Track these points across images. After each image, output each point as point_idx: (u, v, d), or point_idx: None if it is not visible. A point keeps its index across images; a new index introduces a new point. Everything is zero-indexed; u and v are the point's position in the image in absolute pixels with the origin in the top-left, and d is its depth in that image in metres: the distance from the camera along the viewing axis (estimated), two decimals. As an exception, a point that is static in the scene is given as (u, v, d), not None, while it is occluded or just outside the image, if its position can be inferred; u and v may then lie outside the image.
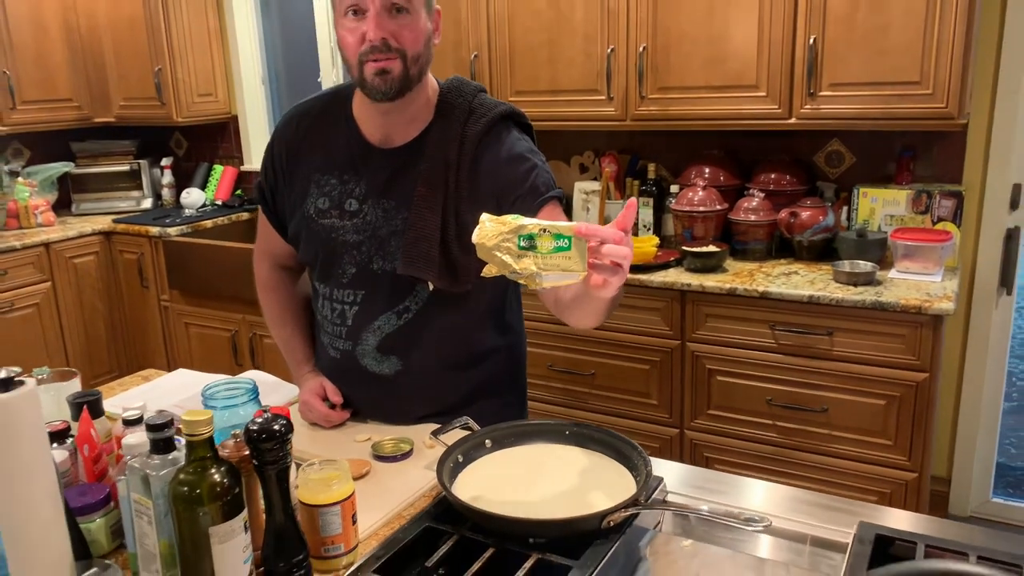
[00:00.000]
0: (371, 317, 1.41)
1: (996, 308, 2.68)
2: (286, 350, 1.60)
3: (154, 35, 3.78)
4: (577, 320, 1.26)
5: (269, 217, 1.53)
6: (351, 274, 1.40)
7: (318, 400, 1.48)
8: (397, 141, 1.37)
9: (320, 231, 1.41)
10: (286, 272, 1.61)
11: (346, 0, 1.23)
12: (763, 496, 1.28)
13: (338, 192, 1.40)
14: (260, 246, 1.60)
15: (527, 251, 0.99)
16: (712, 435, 2.56)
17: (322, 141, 1.41)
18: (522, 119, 1.42)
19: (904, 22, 2.28)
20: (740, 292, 2.39)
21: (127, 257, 3.81)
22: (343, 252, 1.39)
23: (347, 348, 1.44)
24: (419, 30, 1.26)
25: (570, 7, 2.74)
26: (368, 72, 1.25)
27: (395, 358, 1.42)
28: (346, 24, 1.25)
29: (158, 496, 0.97)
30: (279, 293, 1.61)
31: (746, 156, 2.87)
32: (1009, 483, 3.20)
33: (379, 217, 1.37)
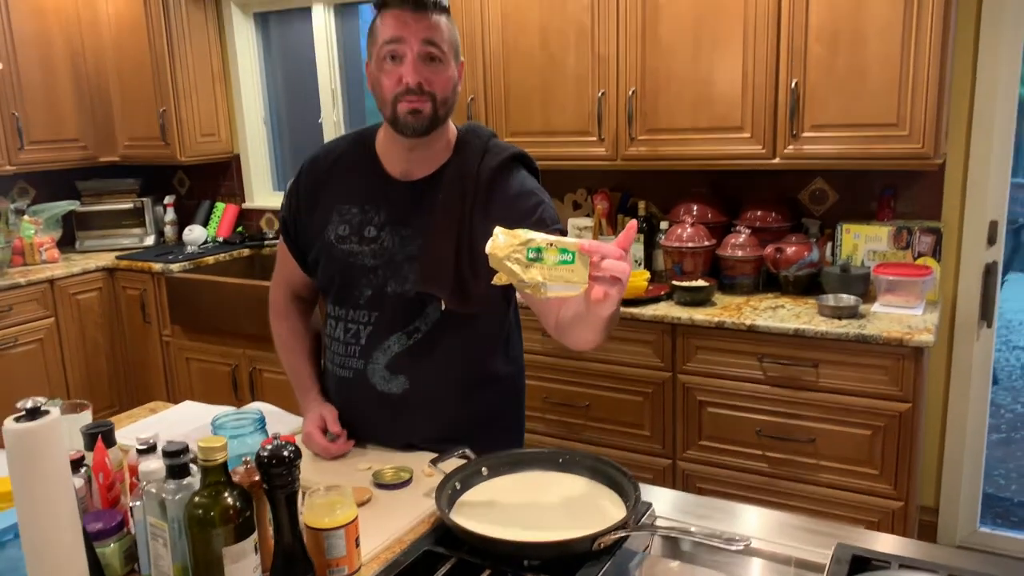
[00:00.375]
0: (383, 337, 1.50)
1: (977, 340, 2.75)
2: (293, 375, 1.68)
3: (160, 78, 3.89)
4: (577, 339, 1.34)
5: (289, 246, 1.63)
6: (367, 296, 1.50)
7: (319, 432, 1.54)
8: (416, 175, 1.49)
9: (339, 255, 1.51)
10: (300, 302, 1.71)
11: (386, 48, 1.37)
12: (748, 519, 1.34)
13: (359, 220, 1.50)
14: (278, 275, 1.71)
15: (534, 262, 1.07)
16: (704, 465, 2.61)
17: (346, 174, 1.54)
18: (531, 163, 1.55)
19: (880, 66, 2.39)
20: (729, 325, 2.47)
21: (130, 293, 3.88)
22: (360, 276, 1.50)
23: (359, 367, 1.52)
24: (448, 77, 1.41)
25: (562, 53, 2.85)
26: (401, 110, 1.38)
27: (403, 377, 1.50)
28: (384, 67, 1.39)
29: (173, 519, 1.03)
30: (291, 321, 1.70)
31: (733, 194, 2.96)
32: (997, 513, 3.25)
33: (396, 244, 1.48)
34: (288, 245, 1.64)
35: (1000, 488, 3.58)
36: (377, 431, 1.57)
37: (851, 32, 2.40)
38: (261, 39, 4.23)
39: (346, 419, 1.57)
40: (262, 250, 4.09)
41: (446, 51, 1.40)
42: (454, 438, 1.46)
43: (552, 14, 2.84)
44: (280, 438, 1.06)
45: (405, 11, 1.36)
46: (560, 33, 2.84)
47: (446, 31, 1.40)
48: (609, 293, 1.08)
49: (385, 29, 1.38)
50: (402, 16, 1.36)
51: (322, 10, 3.92)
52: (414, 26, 1.36)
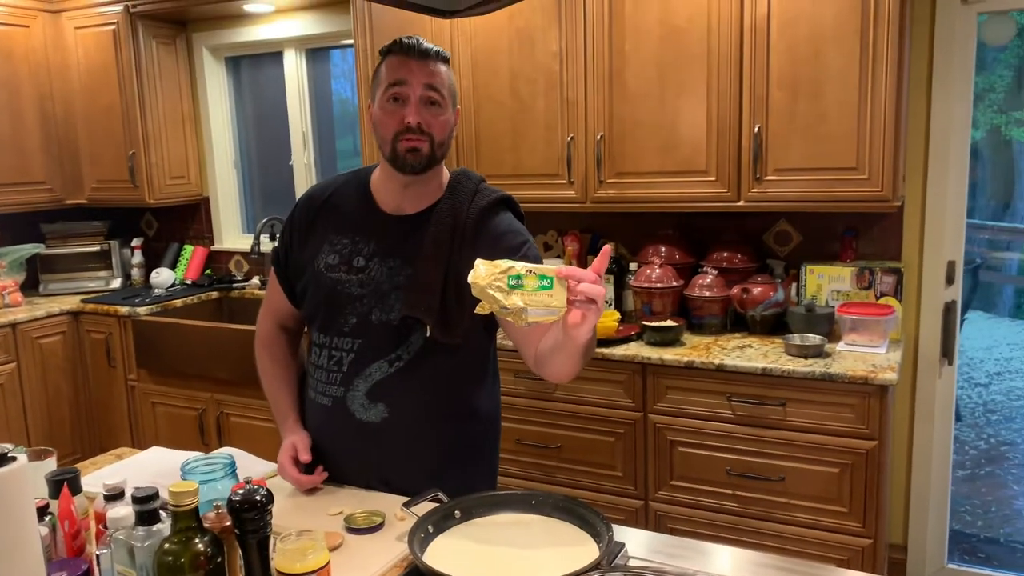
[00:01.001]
0: (365, 364, 1.52)
1: (940, 378, 2.81)
2: (272, 403, 1.72)
3: (129, 120, 3.89)
4: (556, 369, 1.39)
5: (279, 276, 1.69)
6: (352, 324, 1.54)
7: (291, 464, 1.56)
8: (408, 211, 1.56)
9: (327, 283, 1.56)
10: (286, 332, 1.76)
11: (391, 90, 1.47)
12: (720, 559, 1.34)
13: (348, 250, 1.56)
14: (266, 305, 1.77)
15: (515, 289, 1.12)
16: (676, 506, 2.62)
17: (340, 207, 1.61)
18: (517, 207, 1.63)
19: (839, 112, 2.47)
20: (698, 365, 2.50)
21: (95, 337, 3.82)
22: (346, 303, 1.54)
23: (339, 394, 1.55)
24: (445, 121, 1.50)
25: (531, 98, 2.91)
26: (401, 148, 1.47)
27: (382, 405, 1.52)
28: (387, 108, 1.48)
29: (142, 567, 1.01)
30: (274, 349, 1.75)
31: (699, 236, 3.02)
32: (964, 550, 3.28)
33: (383, 274, 1.53)
34: (278, 275, 1.69)
35: (967, 524, 3.62)
36: (354, 462, 1.57)
37: (810, 80, 2.49)
38: (232, 82, 4.26)
39: (324, 450, 1.59)
40: (231, 293, 4.07)
41: (445, 96, 1.49)
42: (430, 472, 1.51)
43: (522, 60, 2.91)
44: (252, 482, 1.06)
45: (410, 58, 1.46)
46: (529, 79, 2.90)
47: (446, 78, 1.50)
48: (586, 315, 1.15)
49: (390, 72, 1.48)
50: (407, 62, 1.46)
51: (293, 54, 3.96)
52: (417, 71, 1.46)
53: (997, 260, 7.71)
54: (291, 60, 3.97)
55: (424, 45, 1.48)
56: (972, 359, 6.15)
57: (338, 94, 4.11)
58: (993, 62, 6.91)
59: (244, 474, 1.29)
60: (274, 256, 1.70)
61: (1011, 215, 8.02)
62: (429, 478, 1.48)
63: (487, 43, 2.96)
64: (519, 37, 2.90)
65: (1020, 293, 7.78)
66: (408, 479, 1.53)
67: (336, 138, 4.15)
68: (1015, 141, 7.66)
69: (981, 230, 7.21)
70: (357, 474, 1.58)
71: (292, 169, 4.07)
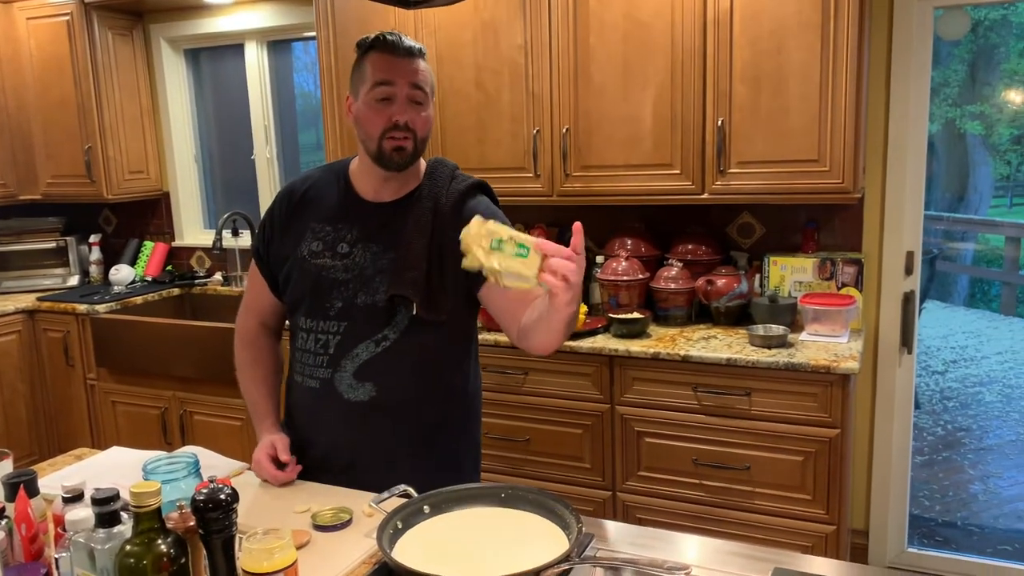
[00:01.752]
0: (351, 345, 1.55)
1: (899, 366, 2.87)
2: (250, 403, 1.72)
3: (85, 114, 3.80)
4: (538, 342, 1.45)
5: (261, 270, 1.70)
6: (337, 308, 1.56)
7: (268, 460, 1.58)
8: (386, 198, 1.60)
9: (312, 269, 1.59)
10: (267, 331, 1.76)
11: (378, 90, 1.50)
12: (688, 548, 1.36)
13: (332, 237, 1.59)
14: (248, 301, 1.76)
15: (495, 251, 1.19)
16: (643, 496, 2.64)
17: (320, 197, 1.64)
18: (491, 191, 1.68)
19: (801, 106, 2.50)
20: (664, 356, 2.52)
21: (52, 336, 3.73)
22: (332, 288, 1.57)
23: (326, 376, 1.57)
24: (428, 117, 1.55)
25: (497, 92, 2.90)
26: (388, 147, 1.51)
27: (369, 384, 1.56)
28: (374, 107, 1.51)
29: (103, 570, 0.99)
30: (255, 348, 1.75)
31: (665, 228, 3.04)
32: (924, 534, 3.37)
33: (367, 259, 1.56)
34: (260, 269, 1.70)
35: (925, 509, 3.71)
36: (342, 442, 1.60)
37: (773, 74, 2.52)
38: (192, 75, 4.18)
39: (312, 431, 1.62)
40: (193, 289, 4.00)
41: (428, 94, 1.54)
42: (417, 447, 1.58)
43: (487, 54, 2.90)
44: (216, 481, 1.04)
45: (396, 56, 1.50)
46: (495, 72, 2.89)
47: (427, 75, 1.55)
48: (556, 291, 1.19)
49: (376, 71, 1.50)
50: (392, 61, 1.50)
51: (255, 46, 3.90)
52: (403, 70, 1.50)
53: (952, 251, 7.90)
54: (252, 52, 3.91)
55: (407, 42, 1.51)
56: (929, 348, 6.29)
57: (300, 87, 4.06)
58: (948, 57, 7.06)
59: (208, 473, 1.27)
60: (254, 252, 1.73)
61: (965, 207, 8.21)
62: (415, 454, 1.57)
63: (452, 35, 2.95)
64: (484, 30, 2.89)
65: (974, 283, 7.98)
66: (395, 455, 1.58)
67: (299, 132, 4.10)
68: (968, 134, 7.84)
69: (937, 221, 7.39)
70: (344, 453, 1.60)
71: (254, 163, 4.01)
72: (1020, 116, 7.70)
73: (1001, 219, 8.13)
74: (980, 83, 7.72)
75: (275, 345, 1.78)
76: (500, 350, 2.74)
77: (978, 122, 7.78)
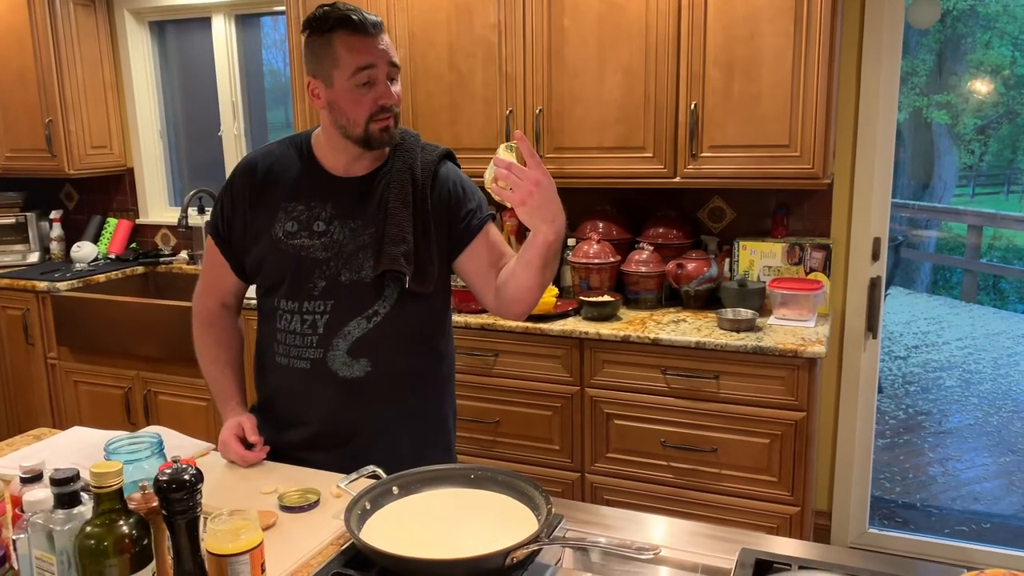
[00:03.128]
0: (342, 323, 1.54)
1: (864, 351, 2.91)
2: (214, 385, 1.69)
3: (46, 87, 3.69)
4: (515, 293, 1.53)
5: (224, 251, 1.64)
6: (321, 287, 1.54)
7: (235, 440, 1.57)
8: (358, 172, 1.57)
9: (289, 251, 1.55)
10: (228, 311, 1.72)
11: (360, 73, 1.46)
12: (656, 529, 1.37)
13: (306, 216, 1.56)
14: (206, 282, 1.71)
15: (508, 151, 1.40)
16: (611, 477, 2.65)
17: (285, 176, 1.59)
18: (455, 158, 1.69)
19: (773, 92, 2.51)
20: (634, 339, 2.53)
21: (11, 313, 3.64)
22: (313, 268, 1.54)
23: (317, 356, 1.55)
24: (400, 92, 1.54)
25: (470, 72, 2.87)
26: (375, 129, 1.49)
27: (364, 360, 1.56)
28: (358, 91, 1.47)
29: (62, 551, 0.97)
30: (216, 329, 1.70)
31: (636, 212, 3.05)
32: (884, 515, 3.44)
33: (346, 235, 1.54)
34: (222, 250, 1.64)
35: (886, 491, 3.79)
36: (337, 419, 1.59)
37: (746, 58, 2.52)
38: (157, 48, 4.08)
39: (303, 413, 1.60)
40: (158, 267, 3.93)
41: (398, 67, 1.52)
42: (407, 413, 1.61)
43: (460, 33, 2.86)
44: (180, 461, 1.02)
45: (367, 37, 1.45)
46: (467, 53, 2.86)
47: (393, 48, 1.52)
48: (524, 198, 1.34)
49: (355, 56, 1.45)
50: (365, 41, 1.45)
51: (222, 20, 3.82)
52: (377, 50, 1.46)
53: (917, 238, 8.03)
54: (220, 26, 3.82)
55: (371, 17, 1.47)
56: (892, 333, 6.41)
57: (269, 64, 3.99)
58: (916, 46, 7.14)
59: (172, 453, 1.24)
60: (212, 231, 1.64)
61: (930, 195, 8.35)
62: (411, 421, 1.61)
63: (425, 15, 2.90)
64: (457, 9, 2.85)
65: (937, 270, 8.14)
66: (392, 425, 1.60)
67: (267, 110, 4.03)
68: (935, 123, 7.95)
69: (902, 209, 7.50)
70: (340, 428, 1.60)
71: (221, 140, 3.94)
72: (985, 106, 7.83)
73: (964, 208, 8.28)
74: (947, 73, 7.83)
75: (236, 324, 1.74)
76: (471, 331, 2.73)
77: (944, 112, 7.90)
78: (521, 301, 1.54)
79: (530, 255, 1.44)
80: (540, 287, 1.50)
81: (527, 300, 1.54)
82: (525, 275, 1.48)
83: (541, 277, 1.47)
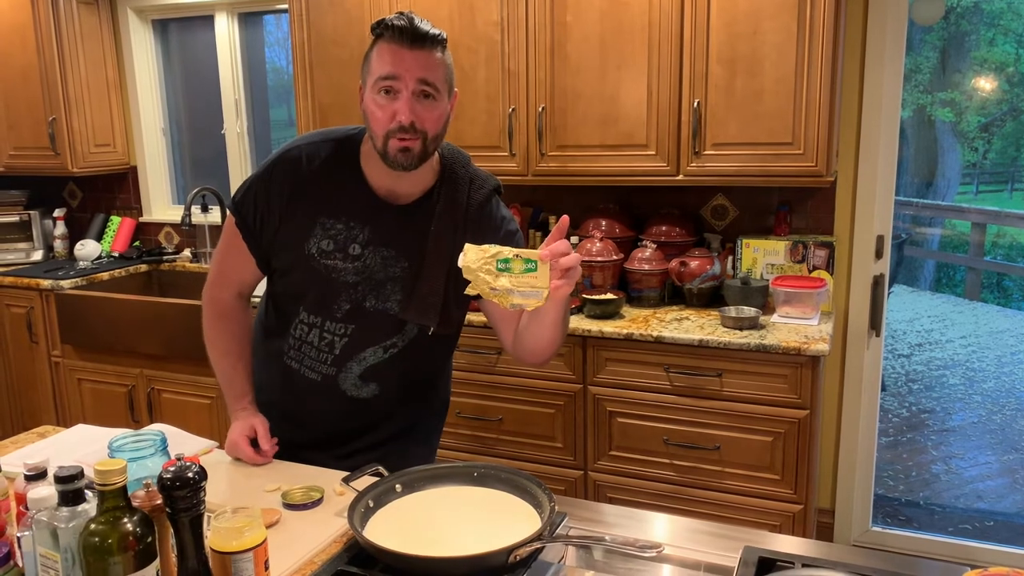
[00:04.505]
0: (359, 349, 1.55)
1: (867, 349, 2.91)
2: (225, 379, 1.63)
3: (49, 86, 3.70)
4: (534, 343, 1.46)
5: (250, 244, 1.54)
6: (345, 310, 1.52)
7: (246, 442, 1.54)
8: (403, 198, 1.51)
9: (321, 269, 1.51)
10: (242, 301, 1.66)
11: (381, 82, 1.36)
12: (659, 527, 1.37)
13: (343, 237, 1.50)
14: (223, 270, 1.63)
15: (503, 272, 1.22)
16: (614, 475, 2.65)
17: (331, 185, 1.50)
18: (501, 191, 1.62)
19: (776, 89, 2.51)
20: (636, 337, 2.53)
21: (15, 311, 3.65)
22: (341, 290, 1.51)
23: (330, 373, 1.57)
24: (441, 113, 1.41)
25: (472, 68, 2.87)
26: (392, 148, 1.39)
27: (374, 384, 1.58)
28: (378, 100, 1.38)
29: (66, 549, 0.97)
30: (231, 323, 1.64)
31: (639, 209, 3.04)
32: (887, 513, 3.43)
33: (378, 263, 1.51)
34: (248, 243, 1.54)
35: (889, 489, 3.79)
36: (335, 427, 1.63)
37: (749, 55, 2.51)
38: (160, 47, 4.08)
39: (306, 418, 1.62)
40: (161, 265, 3.93)
41: (440, 88, 1.39)
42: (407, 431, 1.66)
43: (463, 30, 2.86)
44: (184, 459, 1.02)
45: (403, 46, 1.35)
46: (470, 49, 2.86)
47: (441, 67, 1.39)
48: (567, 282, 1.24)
49: (381, 64, 1.36)
50: (399, 52, 1.35)
51: (225, 18, 3.82)
52: (410, 62, 1.35)
53: (920, 236, 8.02)
54: (223, 24, 3.82)
55: (419, 28, 1.35)
56: (895, 331, 6.40)
57: (272, 62, 3.99)
58: (920, 43, 7.12)
59: (176, 451, 1.24)
60: (239, 220, 1.53)
61: (933, 193, 8.33)
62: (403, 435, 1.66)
63: (427, 11, 2.90)
64: (460, 5, 2.85)
65: (941, 268, 8.12)
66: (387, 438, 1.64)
67: (270, 108, 4.03)
68: (938, 121, 7.93)
69: (906, 206, 7.49)
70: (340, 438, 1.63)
71: (224, 138, 3.94)
72: (989, 103, 7.81)
73: (968, 205, 8.26)
74: (951, 70, 7.81)
75: (247, 316, 1.67)
76: (474, 330, 2.73)
77: (948, 109, 7.88)
78: (539, 354, 1.49)
79: (554, 320, 1.38)
80: (558, 341, 1.45)
81: (545, 354, 1.48)
82: (542, 331, 1.42)
83: (559, 332, 1.42)
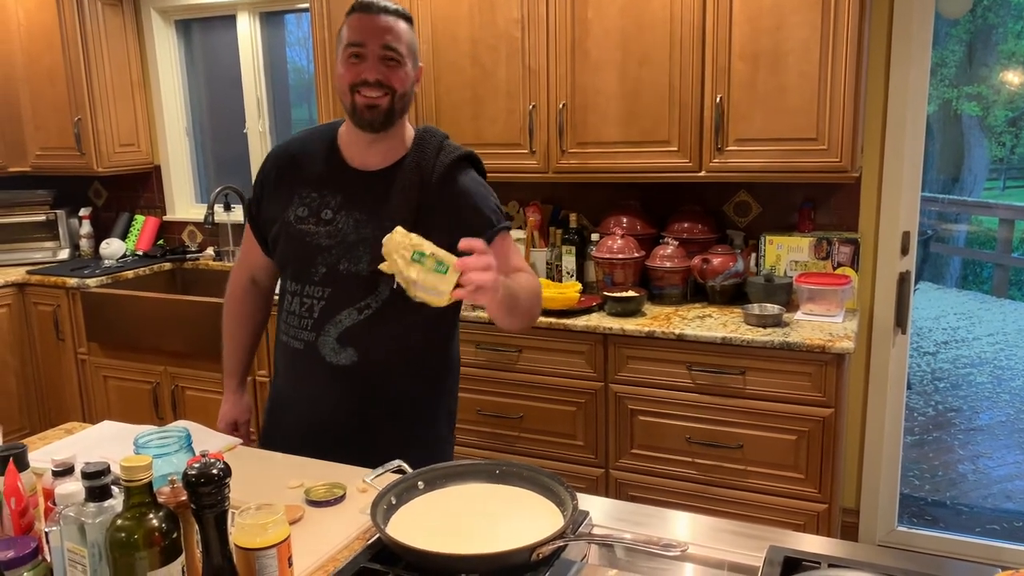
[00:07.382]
0: (335, 311, 1.58)
1: (893, 346, 2.87)
2: (225, 355, 1.85)
3: (75, 86, 3.74)
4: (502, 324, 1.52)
5: (253, 228, 1.74)
6: (321, 273, 1.59)
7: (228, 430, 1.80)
8: (373, 167, 1.60)
9: (297, 235, 1.61)
10: (256, 288, 1.83)
11: (349, 48, 1.50)
12: (682, 525, 1.36)
13: (317, 203, 1.61)
14: (242, 253, 1.82)
15: (415, 263, 1.27)
16: (636, 474, 2.64)
17: (308, 163, 1.65)
18: (479, 163, 1.69)
19: (800, 84, 2.48)
20: (658, 335, 2.51)
21: (42, 309, 3.70)
22: (316, 254, 1.59)
23: (310, 339, 1.60)
24: (406, 76, 1.54)
25: (493, 66, 2.86)
26: (360, 102, 1.50)
27: (352, 350, 1.59)
28: (345, 64, 1.51)
29: (93, 544, 0.98)
30: (241, 305, 1.83)
31: (661, 206, 3.02)
32: (913, 513, 3.39)
33: (350, 226, 1.58)
34: (252, 228, 1.74)
35: (915, 488, 3.74)
36: (327, 404, 1.63)
37: (772, 51, 2.49)
38: (183, 47, 4.12)
39: (296, 392, 1.67)
40: (184, 264, 3.97)
41: (404, 53, 1.52)
42: (395, 417, 1.63)
43: (483, 27, 2.85)
44: (208, 455, 1.03)
45: (368, 15, 1.49)
46: (490, 47, 2.86)
47: (404, 35, 1.52)
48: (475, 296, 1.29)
49: (350, 32, 1.51)
50: (364, 19, 1.49)
51: (247, 18, 3.84)
52: (375, 29, 1.49)
53: (946, 232, 7.90)
54: (244, 24, 3.85)
55: (383, 2, 1.51)
56: (921, 328, 6.31)
57: (293, 62, 4.01)
58: (945, 37, 7.02)
59: (200, 447, 1.25)
60: (247, 209, 1.77)
61: (959, 188, 8.21)
62: (392, 421, 1.63)
63: (447, 9, 2.90)
64: (480, 3, 2.85)
65: (967, 265, 8.00)
66: (373, 420, 1.63)
67: (291, 107, 4.05)
68: (965, 116, 7.82)
69: (931, 203, 7.38)
70: (330, 414, 1.63)
71: (246, 137, 3.97)
72: (1017, 98, 7.68)
73: (995, 201, 8.13)
74: (977, 64, 7.69)
75: (261, 302, 1.85)
76: (494, 327, 2.73)
77: (975, 103, 7.76)
78: (508, 329, 1.56)
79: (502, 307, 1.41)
80: (518, 326, 1.54)
81: (512, 330, 1.57)
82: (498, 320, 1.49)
83: (511, 321, 1.49)
